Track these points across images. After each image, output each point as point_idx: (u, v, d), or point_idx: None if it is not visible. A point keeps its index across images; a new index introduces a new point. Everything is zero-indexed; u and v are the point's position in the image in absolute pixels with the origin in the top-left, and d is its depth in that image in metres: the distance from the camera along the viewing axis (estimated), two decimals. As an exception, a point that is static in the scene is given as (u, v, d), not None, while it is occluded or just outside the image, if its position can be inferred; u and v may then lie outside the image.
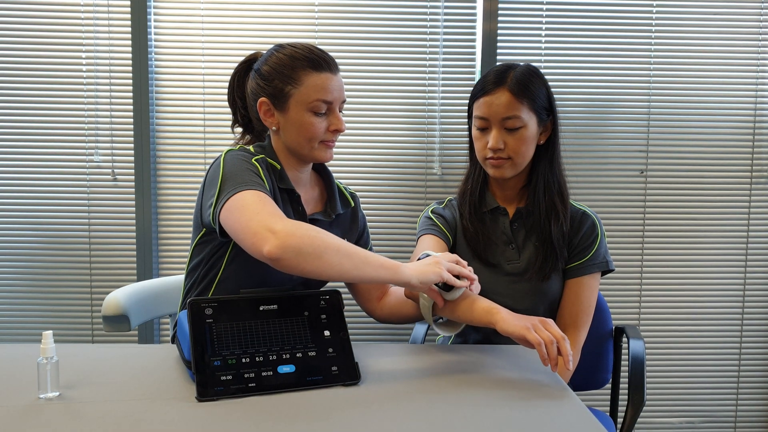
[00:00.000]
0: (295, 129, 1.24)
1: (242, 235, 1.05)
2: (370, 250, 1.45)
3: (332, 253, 1.01)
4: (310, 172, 1.36)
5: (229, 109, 1.40)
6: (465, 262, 1.15)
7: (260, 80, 1.26)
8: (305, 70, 1.21)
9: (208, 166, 1.25)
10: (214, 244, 1.26)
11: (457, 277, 1.12)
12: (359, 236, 1.44)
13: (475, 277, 1.14)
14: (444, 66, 2.08)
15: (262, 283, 1.23)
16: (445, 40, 2.07)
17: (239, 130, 1.41)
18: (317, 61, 1.22)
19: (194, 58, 2.05)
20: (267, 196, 1.11)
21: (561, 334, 1.03)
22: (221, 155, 1.22)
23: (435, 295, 1.14)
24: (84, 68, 2.05)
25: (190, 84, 2.06)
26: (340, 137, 2.04)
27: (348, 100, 2.06)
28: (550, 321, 1.06)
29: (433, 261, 1.10)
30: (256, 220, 1.04)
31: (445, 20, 2.07)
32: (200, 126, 2.06)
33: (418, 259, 1.17)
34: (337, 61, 1.26)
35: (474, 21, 2.07)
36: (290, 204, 1.27)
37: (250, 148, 1.29)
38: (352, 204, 1.41)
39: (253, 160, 1.21)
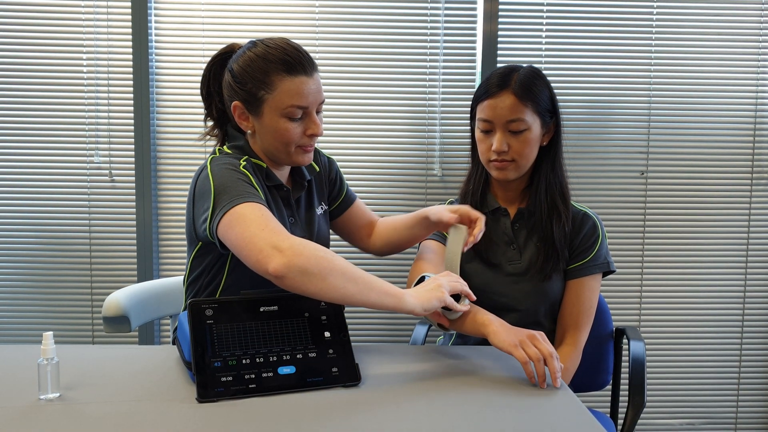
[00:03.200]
0: (270, 134, 1.21)
1: (246, 251, 1.03)
2: (347, 191, 1.46)
3: (337, 275, 0.99)
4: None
5: None
6: (465, 283, 1.14)
7: (234, 82, 1.21)
8: (279, 75, 1.16)
9: (194, 176, 1.22)
10: (213, 256, 1.24)
11: (458, 297, 1.12)
12: (332, 186, 1.43)
13: (474, 297, 1.15)
14: (444, 67, 2.08)
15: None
16: (445, 41, 2.07)
17: (210, 123, 1.37)
18: (291, 63, 1.17)
19: (195, 59, 2.06)
20: (266, 209, 1.09)
21: (549, 350, 1.02)
22: (206, 165, 1.19)
23: (439, 318, 1.15)
24: (84, 68, 2.05)
25: (190, 85, 2.06)
26: (341, 138, 2.07)
27: (349, 101, 2.07)
28: (540, 335, 1.06)
29: (435, 285, 1.08)
30: (261, 236, 1.01)
31: (446, 21, 2.07)
32: (201, 127, 2.05)
33: (417, 281, 1.18)
34: (338, 61, 1.24)
35: (474, 22, 2.07)
36: (280, 200, 1.27)
37: (225, 148, 1.27)
38: (317, 168, 1.38)
39: (241, 167, 1.18)
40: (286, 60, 1.17)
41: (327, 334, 1.02)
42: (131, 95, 2.05)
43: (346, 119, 2.08)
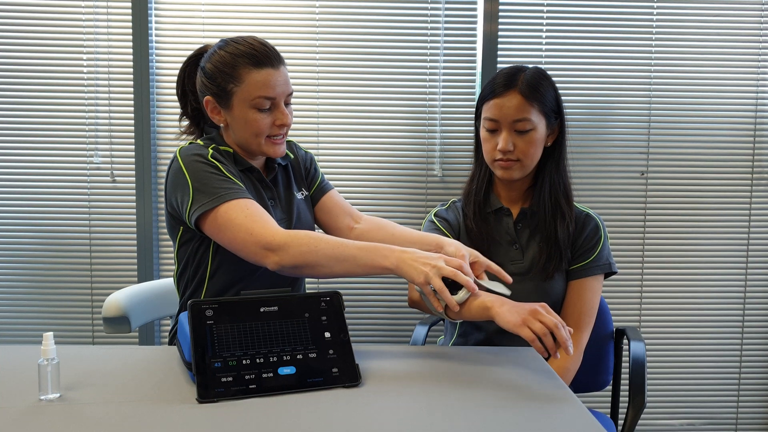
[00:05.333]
0: (240, 126, 1.26)
1: (242, 254, 1.16)
2: (322, 180, 1.47)
3: (324, 262, 1.09)
4: None
5: None
6: (469, 270, 1.08)
7: (205, 79, 1.27)
8: (246, 68, 1.22)
9: (167, 170, 1.28)
10: (194, 243, 1.29)
11: (455, 288, 1.07)
12: (307, 173, 1.45)
13: (475, 288, 1.06)
14: (445, 67, 2.08)
15: (251, 272, 1.27)
16: (445, 41, 2.07)
17: (185, 123, 1.42)
18: (257, 56, 1.22)
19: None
20: (248, 201, 1.17)
21: (554, 321, 0.99)
22: (176, 157, 1.24)
23: (433, 299, 1.08)
24: (85, 69, 2.05)
25: (190, 85, 2.06)
26: (341, 138, 2.07)
27: (349, 101, 2.07)
28: (543, 307, 1.02)
29: (432, 265, 1.03)
30: (251, 241, 1.13)
31: (446, 22, 2.07)
32: (201, 127, 2.06)
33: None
34: (337, 62, 1.26)
35: (474, 22, 2.07)
36: (257, 182, 1.31)
37: (199, 142, 1.30)
38: (292, 156, 1.42)
39: (209, 156, 1.23)
40: (253, 54, 1.23)
41: (327, 334, 1.02)
42: (131, 94, 2.05)
43: (346, 119, 2.08)
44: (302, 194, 1.42)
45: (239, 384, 0.92)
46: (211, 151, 1.25)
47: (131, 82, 2.04)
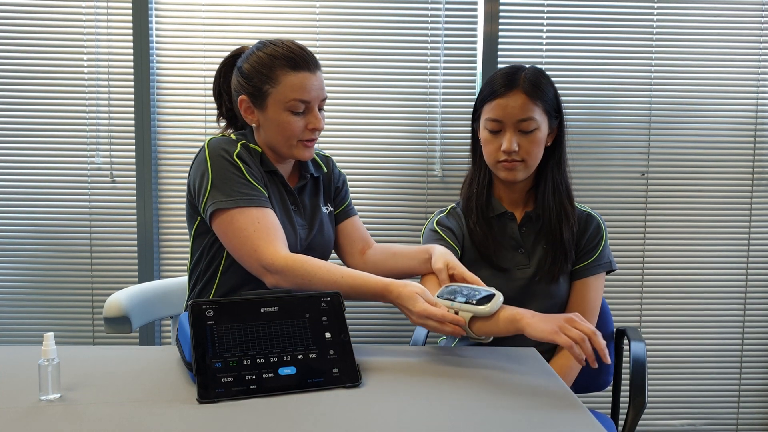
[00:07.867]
0: (273, 127, 1.26)
1: (244, 265, 1.21)
2: (349, 204, 1.47)
3: (319, 284, 1.14)
4: None
5: None
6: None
7: (241, 78, 1.27)
8: (283, 70, 1.23)
9: (194, 158, 1.29)
10: (210, 235, 1.29)
11: (491, 297, 1.10)
12: (336, 193, 1.45)
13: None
14: (445, 68, 2.08)
15: None
16: (446, 42, 2.07)
17: (223, 123, 1.44)
18: (295, 59, 1.23)
19: (196, 59, 2.06)
20: (261, 212, 1.18)
21: (591, 328, 0.98)
22: (204, 146, 1.25)
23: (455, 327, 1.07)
24: (85, 69, 2.06)
25: (191, 85, 2.06)
26: (341, 138, 2.07)
27: (350, 102, 2.07)
28: (577, 316, 1.02)
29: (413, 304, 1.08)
30: (254, 257, 1.17)
31: (446, 22, 2.07)
32: (201, 127, 2.06)
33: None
34: (338, 62, 1.26)
35: (475, 23, 2.07)
36: (276, 184, 1.31)
37: (232, 135, 1.32)
38: (325, 169, 1.42)
39: (235, 155, 1.23)
40: (291, 57, 1.23)
41: (328, 334, 1.02)
42: (132, 94, 2.05)
43: (346, 119, 2.08)
44: (327, 209, 1.42)
45: (240, 384, 0.92)
46: (239, 147, 1.26)
47: (132, 82, 2.04)
